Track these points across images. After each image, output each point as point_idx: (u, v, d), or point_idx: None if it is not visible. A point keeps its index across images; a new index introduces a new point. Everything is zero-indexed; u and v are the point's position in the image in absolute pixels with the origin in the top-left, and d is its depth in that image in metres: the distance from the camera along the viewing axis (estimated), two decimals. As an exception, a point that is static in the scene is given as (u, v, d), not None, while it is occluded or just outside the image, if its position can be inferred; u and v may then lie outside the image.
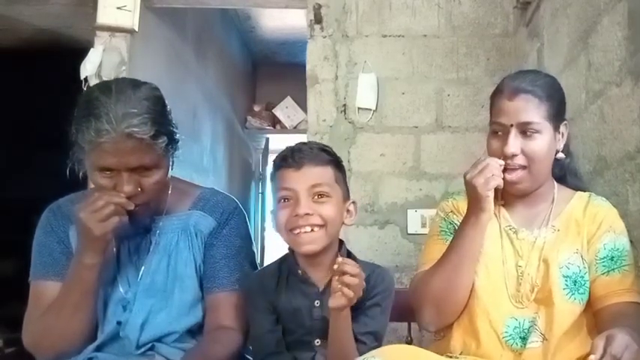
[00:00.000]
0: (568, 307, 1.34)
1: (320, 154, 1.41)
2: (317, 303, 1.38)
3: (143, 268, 1.44)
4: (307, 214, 1.34)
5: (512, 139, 1.37)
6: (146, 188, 1.35)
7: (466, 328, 1.39)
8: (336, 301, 1.25)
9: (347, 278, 1.23)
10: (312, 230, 1.35)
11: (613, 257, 1.36)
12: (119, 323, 1.41)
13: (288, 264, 1.44)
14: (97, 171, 1.33)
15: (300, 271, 1.40)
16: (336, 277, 1.24)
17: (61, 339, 1.37)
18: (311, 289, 1.39)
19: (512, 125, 1.37)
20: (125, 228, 1.37)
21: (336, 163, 1.44)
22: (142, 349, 1.40)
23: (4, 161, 3.78)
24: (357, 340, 1.33)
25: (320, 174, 1.38)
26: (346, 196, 1.44)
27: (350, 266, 1.25)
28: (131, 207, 1.32)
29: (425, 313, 1.42)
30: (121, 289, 1.43)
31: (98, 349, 1.40)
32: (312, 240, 1.36)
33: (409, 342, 1.77)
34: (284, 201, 1.38)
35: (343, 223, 1.43)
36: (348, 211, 1.43)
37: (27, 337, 1.42)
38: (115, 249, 1.44)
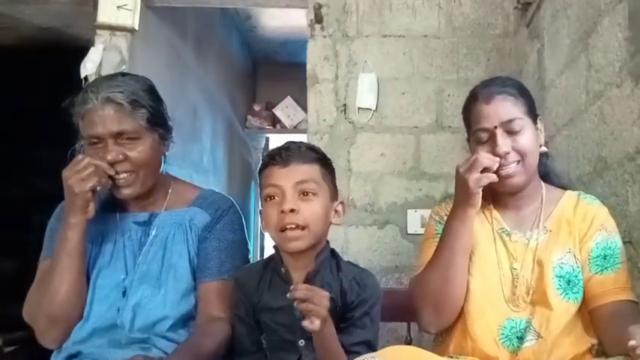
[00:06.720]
0: (563, 307, 1.35)
1: (307, 152, 1.41)
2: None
3: (140, 257, 1.51)
4: (292, 209, 1.34)
5: (500, 139, 1.38)
6: (129, 157, 1.46)
7: (463, 331, 1.40)
8: (309, 326, 1.23)
9: (305, 305, 1.22)
10: (296, 227, 1.35)
11: (606, 256, 1.37)
12: (119, 310, 1.46)
13: (273, 262, 1.44)
14: (88, 143, 1.47)
15: (283, 269, 1.41)
16: (301, 305, 1.23)
17: (51, 302, 1.44)
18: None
19: (496, 127, 1.39)
20: (106, 194, 1.52)
21: (324, 162, 1.44)
22: (137, 335, 1.44)
23: (4, 160, 3.78)
24: (350, 352, 1.31)
25: (306, 171, 1.38)
26: (334, 195, 1.44)
27: (300, 292, 1.23)
28: (112, 172, 1.44)
29: (424, 313, 1.42)
30: (121, 276, 1.49)
31: (92, 334, 1.45)
32: (296, 237, 1.35)
33: (408, 342, 1.78)
34: (270, 199, 1.39)
35: (331, 222, 1.43)
36: (336, 211, 1.43)
37: (25, 308, 1.50)
38: (115, 242, 1.53)
